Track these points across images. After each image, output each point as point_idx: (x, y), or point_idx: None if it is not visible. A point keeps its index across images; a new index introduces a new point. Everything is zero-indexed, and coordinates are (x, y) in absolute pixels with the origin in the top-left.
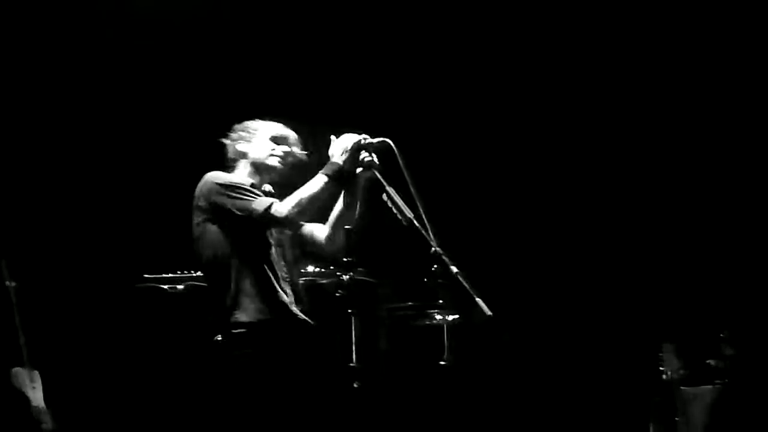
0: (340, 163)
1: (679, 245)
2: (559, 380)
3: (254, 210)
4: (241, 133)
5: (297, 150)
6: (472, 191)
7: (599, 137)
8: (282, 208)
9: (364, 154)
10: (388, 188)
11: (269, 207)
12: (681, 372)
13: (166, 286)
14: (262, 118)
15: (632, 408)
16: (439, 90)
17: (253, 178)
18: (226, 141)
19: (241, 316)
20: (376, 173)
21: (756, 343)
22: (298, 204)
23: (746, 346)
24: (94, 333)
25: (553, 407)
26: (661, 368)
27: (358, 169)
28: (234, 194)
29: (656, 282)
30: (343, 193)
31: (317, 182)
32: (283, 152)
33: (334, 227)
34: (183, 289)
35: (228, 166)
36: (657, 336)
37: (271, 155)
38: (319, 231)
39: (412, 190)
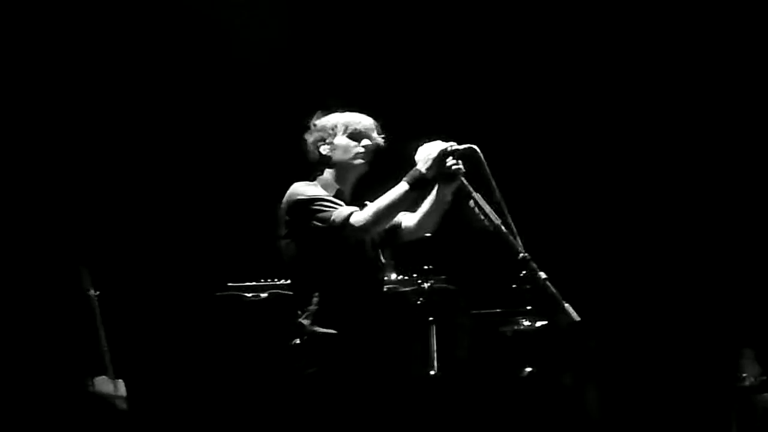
0: (423, 171)
1: (760, 251)
2: (641, 387)
3: (334, 221)
4: (320, 133)
5: (376, 137)
6: (560, 196)
7: (689, 139)
8: (360, 217)
9: (450, 161)
10: (474, 194)
11: (348, 216)
12: (762, 378)
13: (248, 294)
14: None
15: (713, 414)
16: (525, 96)
17: (341, 182)
18: (307, 140)
19: (319, 328)
20: (463, 180)
21: None
22: (376, 213)
23: None
24: (177, 342)
25: (635, 414)
26: (741, 375)
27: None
28: (314, 207)
29: (736, 287)
30: (435, 191)
31: (398, 190)
32: (365, 147)
33: (427, 213)
34: (266, 297)
35: (313, 170)
36: (737, 342)
37: (356, 155)
38: (408, 218)
39: (498, 196)
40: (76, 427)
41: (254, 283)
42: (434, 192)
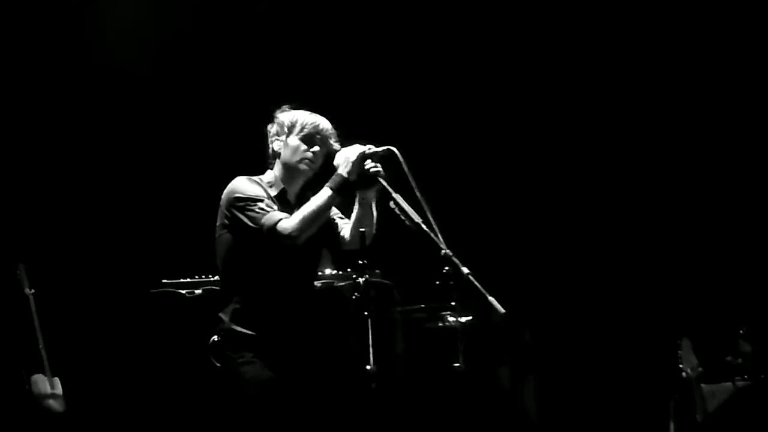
0: (345, 175)
1: (696, 241)
2: (578, 378)
3: (263, 225)
4: (278, 128)
5: (332, 144)
6: (486, 191)
7: (610, 133)
8: (287, 225)
9: (369, 164)
10: (395, 195)
11: (276, 223)
12: (699, 369)
13: (184, 291)
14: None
15: (651, 406)
16: (440, 94)
17: (286, 182)
18: (268, 130)
19: (238, 326)
20: (383, 181)
21: None
22: (303, 221)
23: (765, 343)
24: (114, 339)
25: (573, 406)
26: (679, 366)
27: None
28: (248, 207)
29: (674, 279)
30: (357, 197)
31: (322, 196)
32: (314, 153)
33: (357, 221)
34: (201, 294)
35: (268, 160)
36: (675, 333)
37: (302, 159)
38: (346, 229)
39: (418, 195)
40: (14, 425)
41: (189, 280)
42: (357, 197)
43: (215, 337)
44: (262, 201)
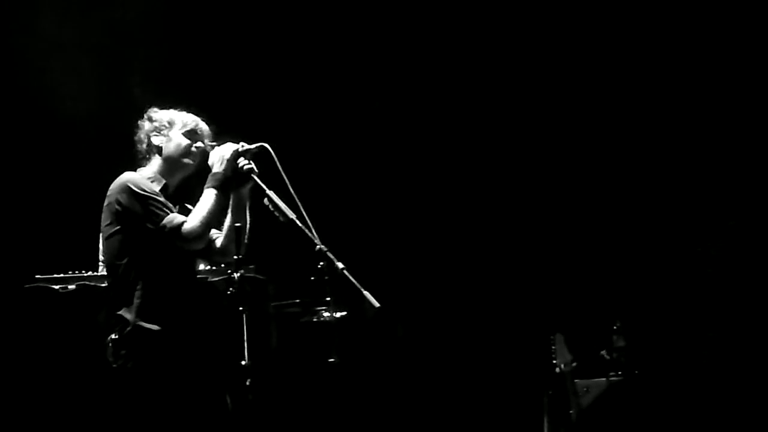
0: (222, 171)
1: (569, 236)
2: (451, 374)
3: (164, 226)
4: (156, 124)
5: (209, 143)
6: (355, 187)
7: (475, 124)
8: (190, 228)
9: (243, 161)
10: (268, 192)
11: (180, 226)
12: (573, 364)
13: (57, 286)
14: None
15: (526, 401)
16: (310, 90)
17: (167, 177)
18: (140, 128)
19: (144, 322)
20: (256, 178)
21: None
22: (203, 222)
23: (638, 338)
24: None
25: (446, 401)
26: (553, 361)
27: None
28: (148, 204)
29: (548, 274)
30: (231, 196)
31: (209, 197)
32: (196, 149)
33: (228, 237)
34: (75, 289)
35: (140, 157)
36: (549, 328)
37: (186, 154)
38: (220, 236)
39: (291, 191)
40: None
41: (62, 275)
42: (232, 197)
43: (114, 336)
44: (160, 200)
